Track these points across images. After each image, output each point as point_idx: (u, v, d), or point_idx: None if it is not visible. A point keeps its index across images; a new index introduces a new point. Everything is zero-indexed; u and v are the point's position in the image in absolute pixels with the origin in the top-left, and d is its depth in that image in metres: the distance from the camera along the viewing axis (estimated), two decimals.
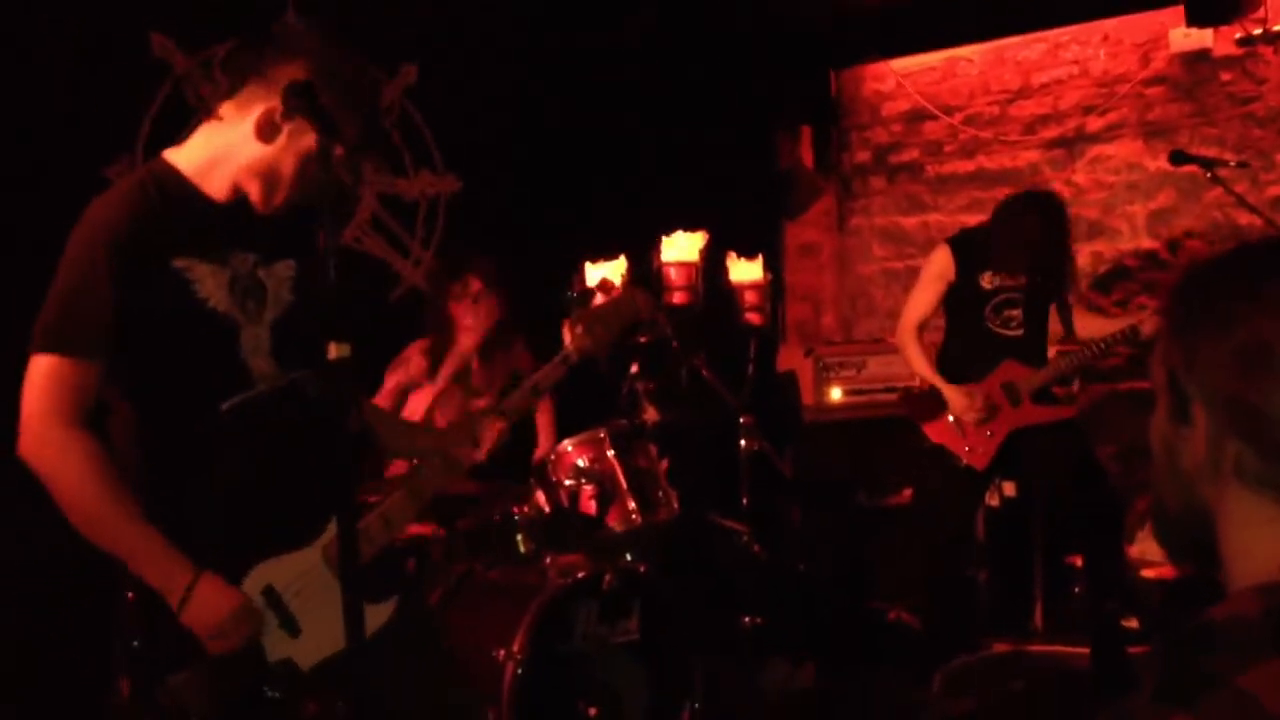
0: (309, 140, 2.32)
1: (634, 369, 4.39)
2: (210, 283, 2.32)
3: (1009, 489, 5.52)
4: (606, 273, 4.29)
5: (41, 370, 2.24)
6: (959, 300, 4.81)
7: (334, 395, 2.39)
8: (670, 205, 5.14)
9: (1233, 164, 5.01)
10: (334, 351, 2.00)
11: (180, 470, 2.32)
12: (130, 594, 2.26)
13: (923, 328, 4.89)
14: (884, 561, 5.59)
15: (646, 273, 4.45)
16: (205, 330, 2.32)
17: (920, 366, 4.85)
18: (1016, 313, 4.74)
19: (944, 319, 4.94)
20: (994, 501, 5.59)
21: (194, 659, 2.23)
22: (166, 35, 4.55)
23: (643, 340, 4.50)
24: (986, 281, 4.74)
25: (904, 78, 6.78)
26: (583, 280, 4.25)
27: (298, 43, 2.36)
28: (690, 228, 4.50)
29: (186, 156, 2.40)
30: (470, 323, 4.47)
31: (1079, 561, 5.29)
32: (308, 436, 2.39)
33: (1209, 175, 4.78)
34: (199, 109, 4.53)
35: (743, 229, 5.65)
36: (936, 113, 6.65)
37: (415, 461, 2.81)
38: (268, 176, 2.37)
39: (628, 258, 4.30)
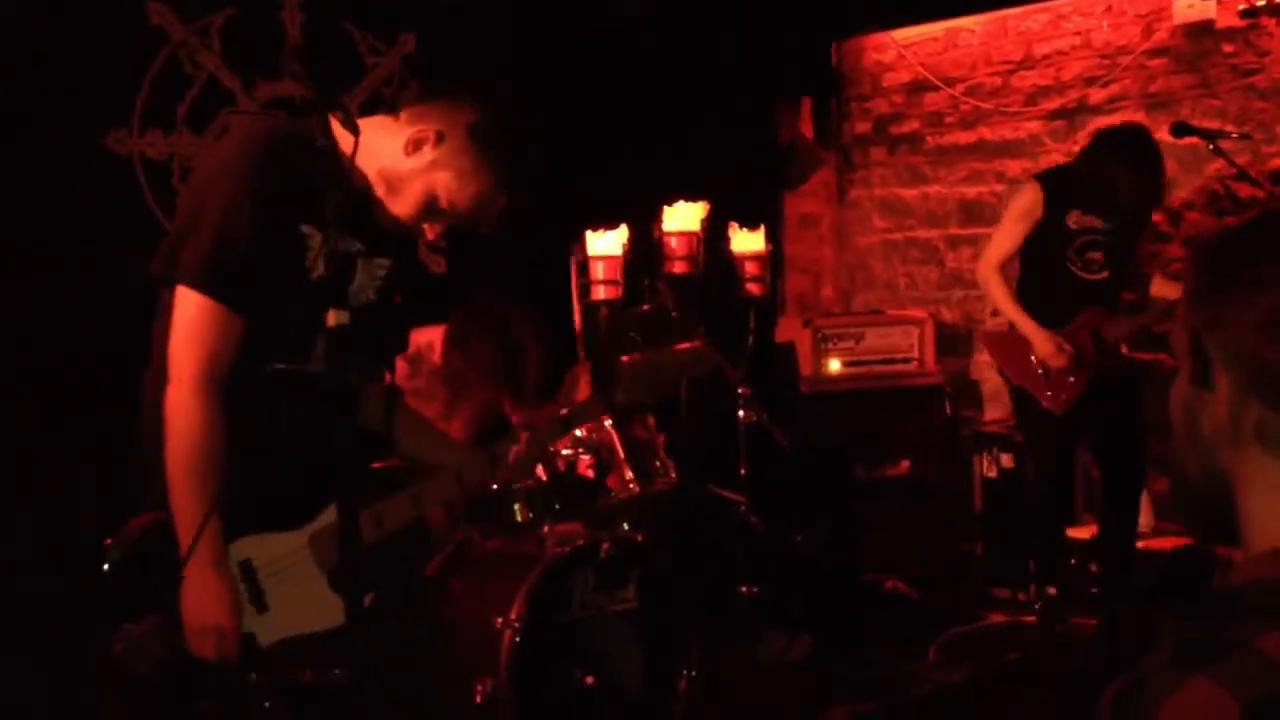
0: (444, 177, 2.37)
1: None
2: (320, 252, 2.33)
3: (1007, 461, 5.51)
4: (609, 241, 4.26)
5: (200, 311, 2.24)
6: (1042, 239, 4.69)
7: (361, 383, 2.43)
8: (672, 175, 5.11)
9: (1235, 136, 4.99)
10: (333, 319, 2.01)
11: None
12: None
13: (1004, 266, 4.77)
14: (880, 533, 5.59)
15: (648, 242, 4.43)
16: (301, 297, 2.32)
17: (1007, 306, 4.72)
18: (1098, 255, 4.65)
19: (1019, 260, 4.80)
20: (992, 473, 5.59)
21: (158, 612, 2.24)
22: (163, 3, 4.50)
23: (644, 309, 4.48)
24: (1073, 221, 4.64)
25: (905, 48, 6.74)
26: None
27: (489, 90, 2.48)
28: (692, 197, 4.48)
29: (348, 134, 2.36)
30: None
31: (1079, 534, 5.27)
32: (330, 421, 2.38)
33: (1211, 147, 4.76)
34: (195, 76, 4.52)
35: (745, 199, 5.61)
36: (938, 83, 6.61)
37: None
38: (393, 186, 2.39)
39: (630, 227, 4.28)
